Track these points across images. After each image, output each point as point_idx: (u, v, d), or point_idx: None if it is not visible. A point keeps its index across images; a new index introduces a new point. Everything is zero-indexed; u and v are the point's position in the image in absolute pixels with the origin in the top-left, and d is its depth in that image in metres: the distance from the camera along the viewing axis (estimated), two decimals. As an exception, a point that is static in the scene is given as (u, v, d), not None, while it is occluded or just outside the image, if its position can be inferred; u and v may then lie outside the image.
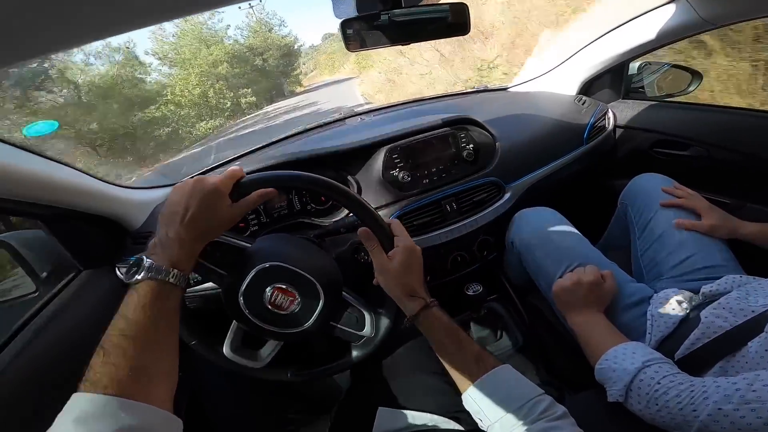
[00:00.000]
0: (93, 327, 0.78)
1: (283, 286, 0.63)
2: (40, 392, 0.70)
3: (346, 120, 1.36)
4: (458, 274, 1.09)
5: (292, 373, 0.74)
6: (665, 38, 1.04)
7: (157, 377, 0.45)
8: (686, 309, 0.72)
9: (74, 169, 0.81)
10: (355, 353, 0.72)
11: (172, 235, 0.52)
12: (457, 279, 1.08)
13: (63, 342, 0.78)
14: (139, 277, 0.48)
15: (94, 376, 0.41)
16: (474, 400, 0.55)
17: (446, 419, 0.68)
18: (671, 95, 1.21)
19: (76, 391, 0.40)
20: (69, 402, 0.40)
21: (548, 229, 0.92)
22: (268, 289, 0.62)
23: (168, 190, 1.07)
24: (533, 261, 0.91)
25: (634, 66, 1.27)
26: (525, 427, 0.49)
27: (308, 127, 1.38)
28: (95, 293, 0.88)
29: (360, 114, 1.41)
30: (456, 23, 0.75)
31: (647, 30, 1.05)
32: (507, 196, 1.05)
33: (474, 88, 1.66)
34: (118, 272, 0.90)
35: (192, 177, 0.58)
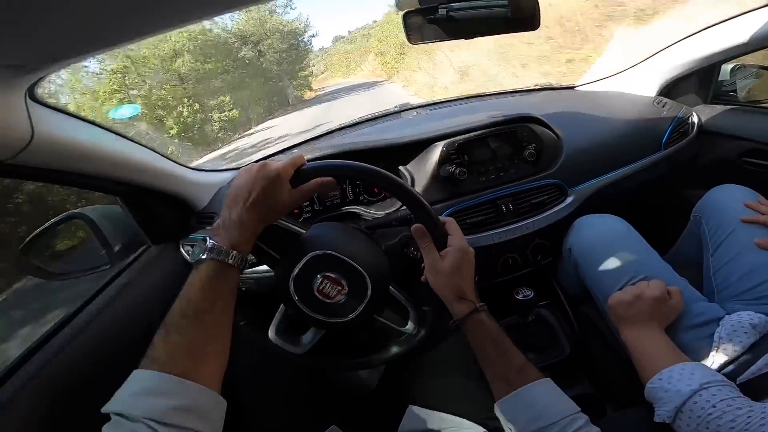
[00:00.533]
0: (157, 302, 0.84)
1: (333, 276, 0.63)
2: (104, 365, 0.74)
3: (402, 113, 1.36)
4: (508, 277, 1.06)
5: (330, 363, 0.75)
6: (766, 41, 0.94)
7: (210, 356, 0.47)
8: (760, 333, 0.67)
9: (149, 149, 0.86)
10: (394, 349, 0.72)
11: (234, 218, 0.54)
12: (506, 282, 1.06)
13: (128, 316, 0.83)
14: (203, 257, 0.51)
15: (154, 353, 0.44)
16: (508, 410, 0.54)
17: (475, 424, 0.67)
18: (768, 101, 1.09)
19: (137, 366, 0.44)
20: (129, 378, 0.43)
21: (612, 238, 0.87)
22: (318, 276, 0.62)
23: (233, 173, 1.13)
24: (591, 270, 0.87)
25: (726, 69, 1.16)
26: None
27: (363, 118, 1.40)
28: (161, 269, 0.95)
29: (416, 107, 1.40)
30: (520, 18, 0.73)
31: (746, 31, 0.95)
32: (569, 200, 1.00)
33: (538, 85, 1.59)
34: (182, 249, 0.97)
35: (257, 162, 0.60)
